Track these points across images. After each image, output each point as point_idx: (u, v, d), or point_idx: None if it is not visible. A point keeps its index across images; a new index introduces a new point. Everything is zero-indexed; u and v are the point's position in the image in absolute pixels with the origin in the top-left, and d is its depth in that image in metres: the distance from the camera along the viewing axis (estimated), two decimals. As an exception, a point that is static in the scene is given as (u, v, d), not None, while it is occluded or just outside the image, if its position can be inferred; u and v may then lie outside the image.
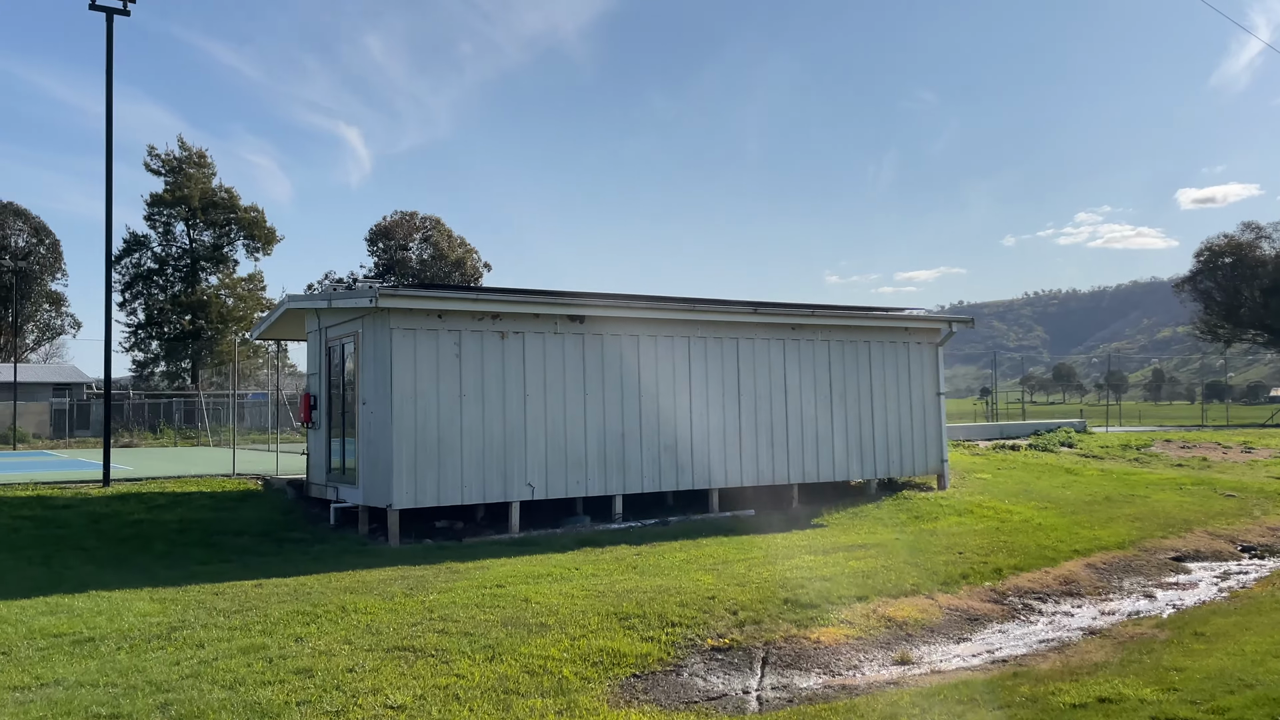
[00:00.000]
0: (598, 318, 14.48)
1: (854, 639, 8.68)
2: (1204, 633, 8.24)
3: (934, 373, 18.10)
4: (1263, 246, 53.71)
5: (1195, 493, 18.89)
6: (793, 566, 11.02)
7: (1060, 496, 17.64)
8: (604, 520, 14.52)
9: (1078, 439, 27.54)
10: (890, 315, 17.75)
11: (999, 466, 21.81)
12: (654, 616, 8.68)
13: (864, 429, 17.14)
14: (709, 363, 15.54)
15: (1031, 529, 14.20)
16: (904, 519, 14.95)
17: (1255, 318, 53.16)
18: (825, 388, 16.74)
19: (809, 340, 16.65)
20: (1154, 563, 12.94)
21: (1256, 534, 15.45)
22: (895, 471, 17.63)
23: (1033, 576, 11.49)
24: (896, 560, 11.53)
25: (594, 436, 14.34)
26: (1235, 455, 26.11)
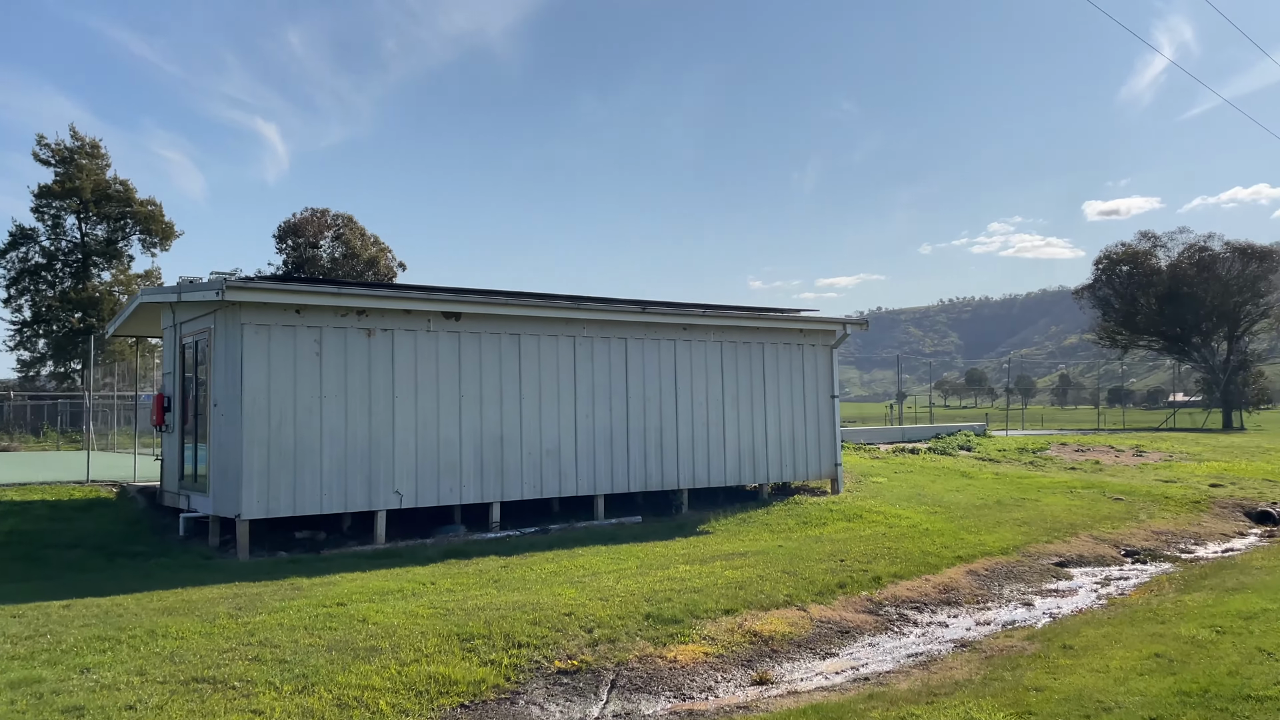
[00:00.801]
0: (475, 315, 13.75)
1: (714, 657, 8.15)
2: (1073, 646, 7.92)
3: (829, 375, 17.81)
4: (1158, 256, 55.46)
5: (1085, 496, 18.98)
6: (665, 577, 10.46)
7: (952, 501, 17.50)
8: (480, 529, 13.78)
9: (977, 442, 27.72)
10: (785, 316, 17.39)
11: (896, 470, 21.68)
12: (500, 637, 8.01)
13: (757, 432, 16.73)
14: (595, 363, 14.93)
15: (918, 534, 13.93)
16: (792, 524, 14.55)
17: (1151, 324, 54.82)
18: (718, 390, 16.28)
19: (701, 341, 16.17)
20: (1037, 569, 12.75)
21: (1141, 538, 15.48)
22: (789, 476, 17.27)
23: (912, 585, 11.15)
24: (774, 569, 11.07)
25: (470, 441, 13.59)
26: (1127, 458, 26.55)
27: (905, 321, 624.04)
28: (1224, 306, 53.36)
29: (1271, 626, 7.94)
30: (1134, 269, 55.87)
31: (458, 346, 13.60)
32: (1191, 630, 7.99)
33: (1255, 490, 20.93)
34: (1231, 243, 54.51)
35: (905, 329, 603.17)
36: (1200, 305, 53.27)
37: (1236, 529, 17.28)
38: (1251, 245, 53.98)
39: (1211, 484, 21.63)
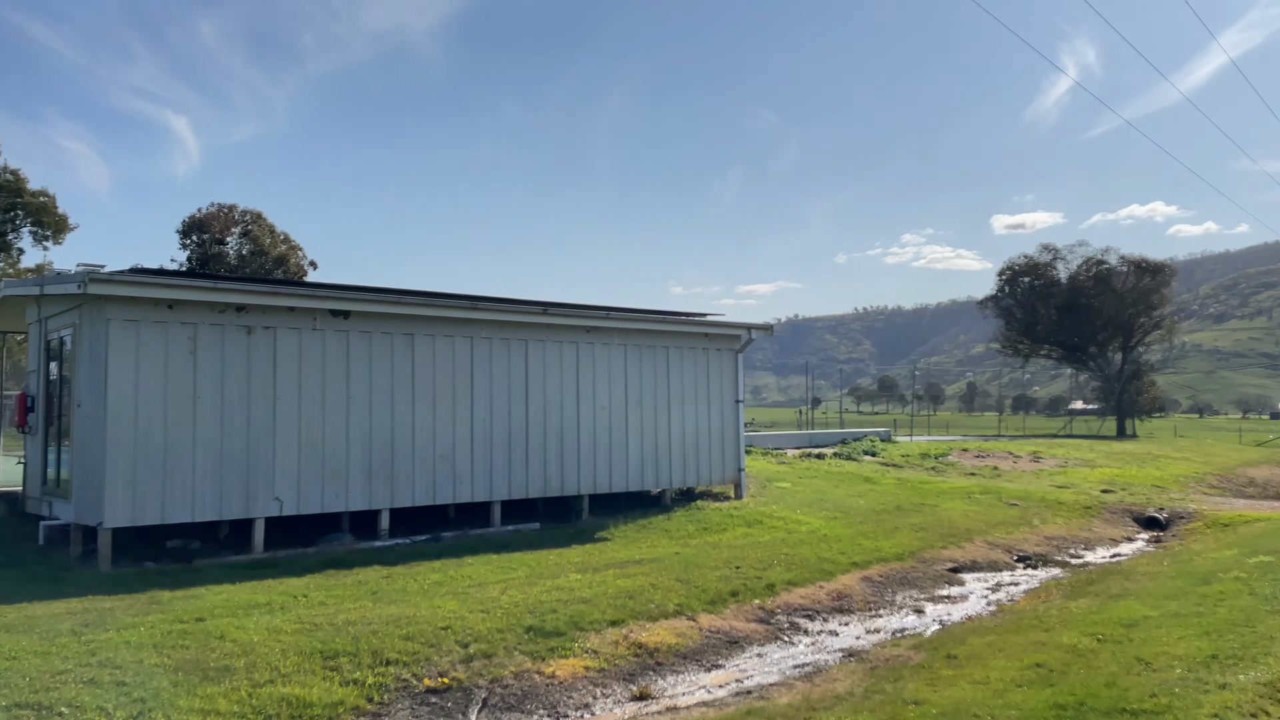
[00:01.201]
0: (365, 314, 13.19)
1: (594, 671, 7.83)
2: (957, 655, 7.83)
3: (733, 380, 17.70)
4: (1058, 268, 57.46)
5: (982, 501, 19.26)
6: (554, 587, 10.11)
7: (853, 506, 17.55)
8: (368, 538, 13.22)
9: (882, 448, 28.05)
10: (691, 320, 17.22)
11: (801, 475, 21.73)
12: (368, 654, 7.55)
13: (660, 437, 16.50)
14: (494, 365, 14.49)
15: (817, 540, 13.86)
16: (692, 530, 14.35)
17: (1051, 334, 56.72)
18: (621, 394, 16.00)
19: (605, 344, 15.86)
20: (930, 574, 12.78)
21: (1033, 543, 15.71)
22: (692, 481, 17.08)
23: (806, 592, 11.02)
24: (668, 577, 10.82)
25: (358, 445, 13.01)
26: (1025, 464, 27.19)
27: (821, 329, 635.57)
28: (1119, 318, 55.49)
29: (1151, 635, 7.98)
30: (1035, 280, 57.71)
31: (346, 346, 13.02)
32: (1074, 639, 7.98)
33: (1144, 496, 21.57)
34: (1127, 257, 56.76)
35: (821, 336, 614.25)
36: (1097, 316, 55.28)
37: (1125, 534, 17.73)
38: (1145, 260, 56.29)
39: (1103, 490, 22.23)
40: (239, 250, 69.90)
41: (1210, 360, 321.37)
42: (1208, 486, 26.53)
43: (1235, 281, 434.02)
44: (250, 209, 71.86)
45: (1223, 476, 29.13)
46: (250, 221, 70.58)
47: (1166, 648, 7.44)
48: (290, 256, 71.66)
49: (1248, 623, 8.17)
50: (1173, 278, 56.41)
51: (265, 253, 69.45)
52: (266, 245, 69.61)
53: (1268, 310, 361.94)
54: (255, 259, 69.97)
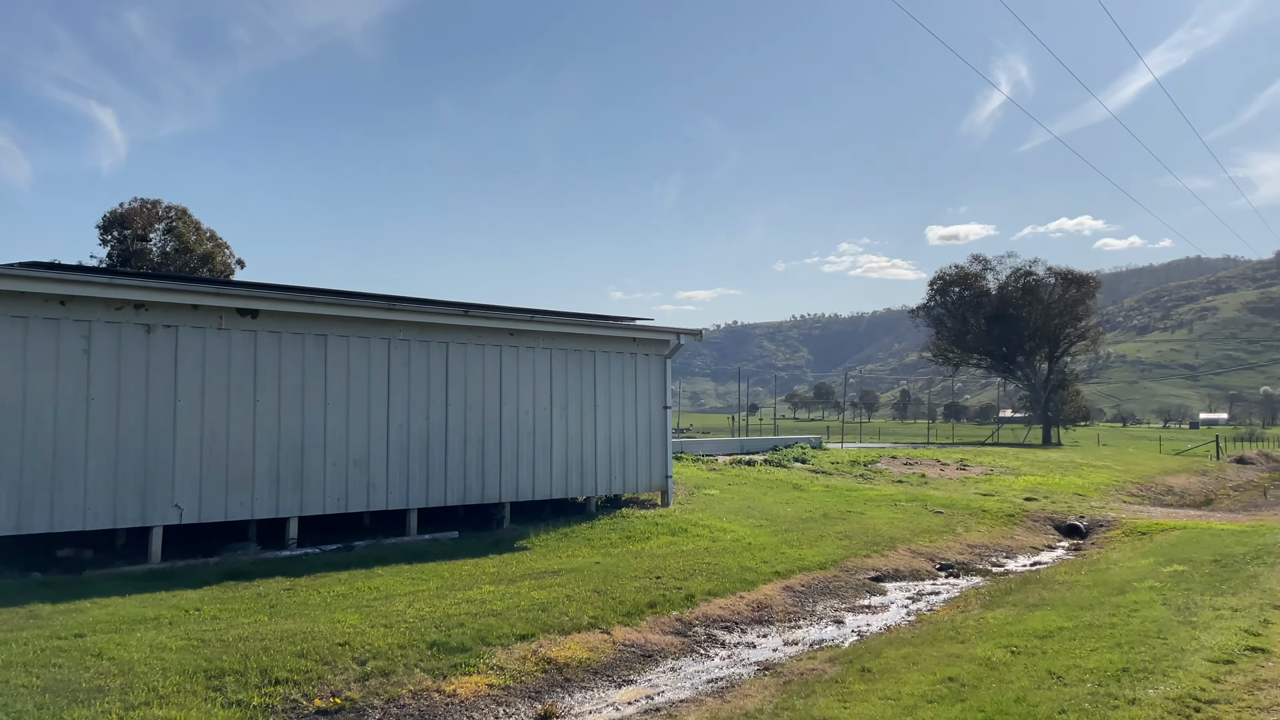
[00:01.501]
0: (275, 313, 12.66)
1: (499, 689, 7.49)
2: (871, 669, 7.67)
3: (661, 385, 17.48)
4: (988, 278, 58.61)
5: (908, 509, 19.33)
6: (465, 599, 9.74)
7: (780, 513, 17.45)
8: (276, 547, 12.67)
9: (812, 455, 28.12)
10: (618, 324, 16.95)
11: (730, 482, 21.61)
12: (256, 672, 7.12)
13: (586, 443, 16.20)
14: (413, 368, 14.05)
15: (741, 549, 13.69)
16: (614, 539, 14.07)
17: (980, 344, 57.80)
18: (545, 399, 15.66)
19: (529, 348, 15.51)
20: (853, 584, 12.69)
21: (956, 551, 15.76)
22: (618, 488, 16.81)
23: (726, 603, 10.81)
24: (585, 588, 10.52)
25: (265, 450, 12.47)
26: (952, 472, 27.48)
27: (759, 336, 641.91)
28: (1046, 328, 56.76)
29: (1064, 647, 7.92)
30: (966, 290, 58.77)
31: (254, 347, 12.47)
32: (987, 651, 7.88)
33: (1065, 504, 21.88)
34: (1054, 268, 58.11)
35: (759, 343, 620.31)
36: (1025, 326, 56.47)
37: (1046, 542, 17.92)
38: (1071, 271, 57.68)
39: (1026, 498, 22.52)
40: (162, 247, 67.86)
41: (1134, 371, 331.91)
42: (1128, 495, 27.10)
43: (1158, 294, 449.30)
44: (175, 205, 69.81)
45: (1142, 485, 29.81)
46: (175, 218, 68.57)
47: (1079, 660, 7.37)
48: (217, 254, 69.78)
49: (1159, 634, 8.17)
50: (1097, 289, 57.90)
51: (190, 250, 67.53)
52: (191, 243, 67.71)
53: (1188, 323, 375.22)
54: (180, 256, 67.96)
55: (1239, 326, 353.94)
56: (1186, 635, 8.03)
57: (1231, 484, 34.97)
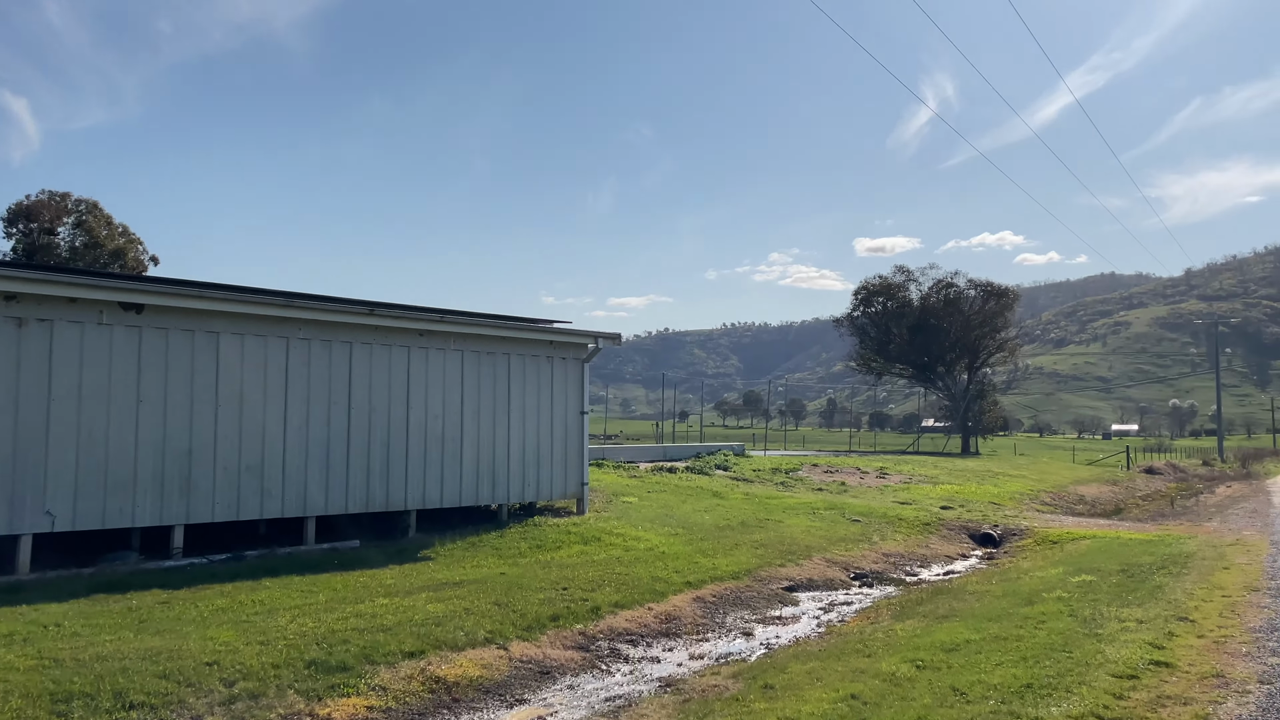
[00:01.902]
0: (162, 308, 11.92)
1: (379, 712, 6.99)
2: (774, 685, 7.38)
3: (579, 390, 17.07)
4: (911, 289, 59.60)
5: (826, 517, 19.25)
6: (355, 613, 9.20)
7: (698, 522, 17.17)
8: (160, 557, 11.92)
9: (734, 462, 27.98)
10: (535, 327, 16.49)
11: (650, 489, 21.30)
12: (110, 695, 6.51)
13: (499, 449, 15.69)
14: (313, 369, 13.41)
15: (654, 558, 13.35)
16: (524, 548, 13.60)
17: (902, 353, 58.70)
18: (456, 403, 15.13)
19: (439, 349, 14.97)
20: (766, 594, 12.44)
21: (871, 560, 15.67)
22: (532, 495, 16.33)
23: (634, 615, 10.45)
24: (486, 601, 10.05)
25: (149, 453, 11.72)
26: (872, 480, 27.60)
27: (690, 343, 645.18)
28: (966, 339, 57.88)
29: (970, 661, 7.74)
30: (889, 300, 59.62)
31: (138, 343, 11.72)
32: (893, 666, 7.65)
33: (980, 513, 22.08)
34: (975, 280, 59.36)
35: (691, 350, 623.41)
36: (945, 337, 57.49)
37: (960, 551, 17.98)
38: (991, 284, 58.95)
39: (942, 506, 22.66)
40: (71, 242, 65.24)
41: (1051, 382, 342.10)
42: (1041, 504, 27.55)
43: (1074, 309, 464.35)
44: (86, 198, 67.20)
45: (1055, 494, 30.37)
46: (85, 211, 65.97)
47: (984, 675, 7.17)
48: (129, 250, 67.30)
49: (1065, 647, 8.04)
50: (1015, 302, 59.30)
51: (100, 245, 65.04)
52: (102, 237, 65.22)
53: (1103, 337, 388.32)
54: (89, 251, 65.36)
55: (1150, 341, 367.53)
56: (1092, 648, 7.91)
57: (1140, 494, 35.92)
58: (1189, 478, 48.41)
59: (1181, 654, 7.80)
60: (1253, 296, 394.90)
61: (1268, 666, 7.34)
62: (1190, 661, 7.54)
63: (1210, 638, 8.46)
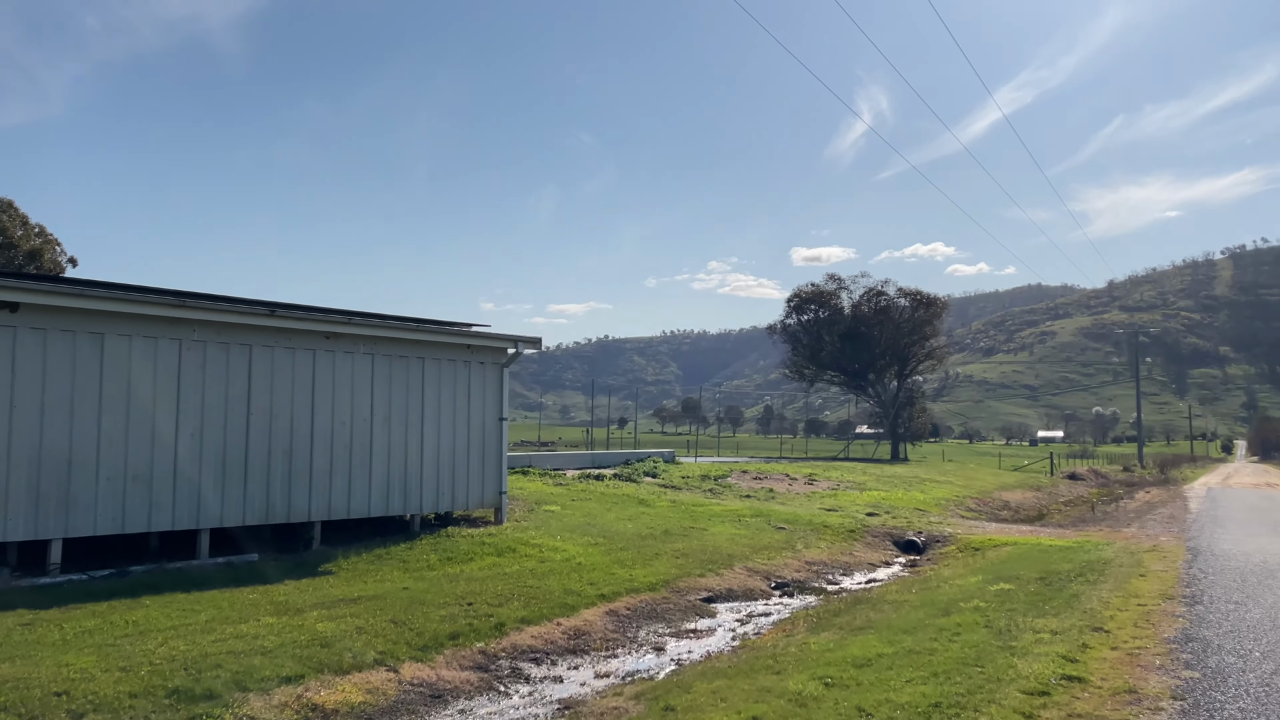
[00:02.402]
0: (40, 307, 11.12)
1: (243, 745, 6.42)
2: (675, 707, 6.98)
3: (497, 396, 16.53)
4: (842, 297, 60.08)
5: (751, 525, 18.98)
6: (235, 634, 8.57)
7: (620, 530, 16.75)
8: (35, 573, 11.09)
9: (664, 469, 27.65)
10: (451, 330, 15.93)
11: (575, 498, 20.82)
12: (-68, 734, 5.83)
13: (412, 457, 15.08)
14: (209, 372, 12.68)
15: (570, 570, 12.89)
16: (434, 561, 13.03)
17: (833, 360, 59.13)
18: (365, 409, 14.49)
19: (348, 353, 14.32)
20: (682, 606, 12.06)
21: (794, 568, 15.41)
22: (447, 505, 15.75)
23: (541, 631, 9.98)
24: (382, 619, 9.49)
25: (23, 462, 10.90)
26: (800, 486, 27.49)
27: (630, 350, 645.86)
28: (896, 346, 58.51)
29: (881, 677, 7.44)
30: (821, 308, 60.02)
31: (12, 345, 10.91)
32: (800, 684, 7.31)
33: (906, 520, 22.05)
34: (905, 289, 60.03)
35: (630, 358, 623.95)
36: (876, 344, 58.05)
37: (884, 558, 17.85)
38: (921, 292, 59.71)
39: (868, 513, 22.59)
40: (-19, 241, 62.63)
41: (980, 390, 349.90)
42: (966, 509, 27.73)
43: (1003, 319, 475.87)
44: (1, 197, 64.59)
45: (980, 500, 30.64)
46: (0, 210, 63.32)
47: (892, 694, 6.87)
48: (45, 251, 64.61)
49: (978, 661, 7.79)
50: (944, 311, 60.15)
51: (15, 246, 62.32)
52: (17, 238, 62.49)
53: (1029, 346, 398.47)
54: (3, 252, 62.74)
55: (1074, 350, 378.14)
56: (1004, 663, 7.67)
57: (1063, 499, 36.51)
58: (1110, 483, 49.51)
59: (1095, 667, 7.60)
60: (1171, 308, 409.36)
61: (1181, 681, 7.17)
62: (1103, 676, 7.34)
63: (1124, 649, 8.30)
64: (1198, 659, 7.93)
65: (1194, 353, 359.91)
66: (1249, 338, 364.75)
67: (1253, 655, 8.09)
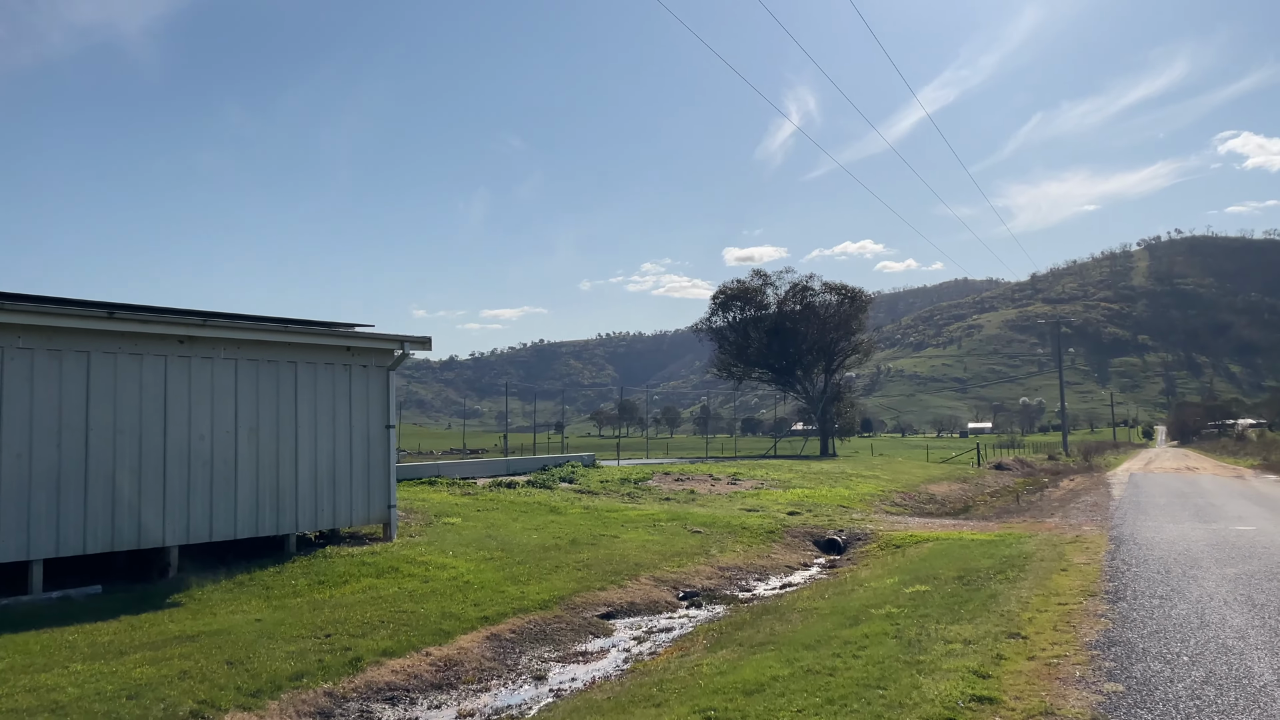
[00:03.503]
0: None
1: (-21, 838, 5.19)
2: (527, 758, 5.93)
3: (383, 401, 15.29)
4: (768, 293, 59.69)
5: (667, 529, 18.05)
6: (29, 687, 7.32)
7: (523, 542, 15.64)
8: None
9: (582, 474, 26.58)
10: (328, 331, 14.64)
11: (481, 508, 19.64)
12: None
13: (285, 471, 13.77)
14: (38, 384, 11.24)
15: (454, 590, 11.76)
16: (302, 586, 11.77)
17: (760, 357, 58.67)
18: (229, 420, 13.15)
19: (206, 358, 12.97)
20: (576, 624, 11.02)
21: (705, 575, 14.50)
22: (327, 522, 14.46)
23: (405, 664, 8.84)
24: (217, 659, 8.27)
25: None
26: (723, 487, 26.66)
27: (566, 354, 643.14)
28: (823, 342, 58.29)
29: (771, 706, 6.49)
30: (746, 305, 59.53)
31: None
32: (681, 716, 6.32)
33: (828, 518, 21.33)
34: (829, 284, 59.88)
35: (566, 361, 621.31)
36: (803, 340, 57.75)
37: (802, 560, 17.05)
38: (845, 286, 59.61)
39: (790, 512, 21.82)
40: None
41: (911, 384, 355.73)
42: (891, 504, 27.20)
43: (931, 313, 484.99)
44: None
45: (906, 494, 30.19)
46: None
47: (778, 730, 5.91)
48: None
49: (881, 682, 6.89)
50: (869, 304, 60.15)
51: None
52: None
53: (958, 339, 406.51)
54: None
55: (1001, 343, 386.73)
56: (909, 683, 6.78)
57: (989, 490, 36.37)
58: (1036, 472, 49.85)
59: (1009, 683, 6.75)
60: (1092, 299, 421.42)
61: (1104, 696, 6.35)
62: (1018, 693, 6.49)
63: (1042, 658, 7.49)
64: (1121, 667, 7.15)
65: (1115, 342, 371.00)
66: (1166, 326, 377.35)
67: (1180, 660, 7.34)
